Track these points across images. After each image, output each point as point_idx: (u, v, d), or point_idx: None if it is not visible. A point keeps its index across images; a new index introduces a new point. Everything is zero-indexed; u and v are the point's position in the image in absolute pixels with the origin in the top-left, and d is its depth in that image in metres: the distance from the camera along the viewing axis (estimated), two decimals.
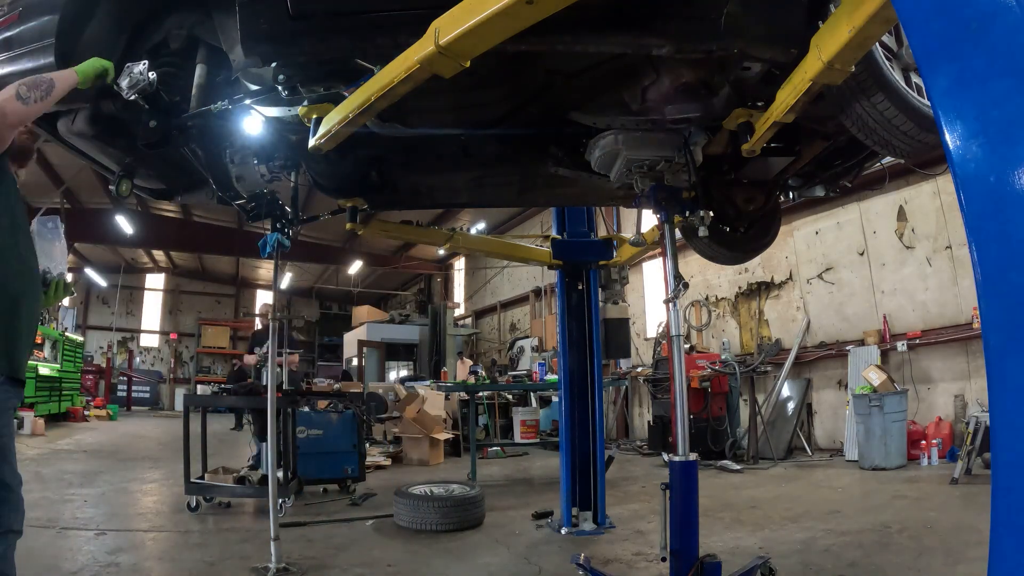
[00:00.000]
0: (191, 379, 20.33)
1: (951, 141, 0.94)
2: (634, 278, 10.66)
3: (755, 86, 2.25)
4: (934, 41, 0.98)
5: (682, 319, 4.63)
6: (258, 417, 5.43)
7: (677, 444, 2.56)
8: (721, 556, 2.55)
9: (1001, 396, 0.91)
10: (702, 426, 7.55)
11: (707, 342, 9.65)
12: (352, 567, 3.45)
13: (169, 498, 5.34)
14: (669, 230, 2.75)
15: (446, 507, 4.28)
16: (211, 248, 16.93)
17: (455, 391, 8.48)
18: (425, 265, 18.69)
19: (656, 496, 2.78)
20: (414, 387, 9.39)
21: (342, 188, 3.39)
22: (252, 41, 2.07)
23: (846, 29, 1.64)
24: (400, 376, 16.07)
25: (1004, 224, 0.88)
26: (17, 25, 2.29)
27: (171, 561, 3.57)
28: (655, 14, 1.92)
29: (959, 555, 3.29)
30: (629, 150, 2.57)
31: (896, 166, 6.03)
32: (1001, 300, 0.90)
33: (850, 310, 7.82)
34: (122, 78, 2.25)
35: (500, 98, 2.53)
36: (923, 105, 1.93)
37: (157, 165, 3.02)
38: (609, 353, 5.50)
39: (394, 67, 1.92)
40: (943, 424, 6.46)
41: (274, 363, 3.72)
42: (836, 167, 2.99)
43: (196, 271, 21.15)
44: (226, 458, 5.86)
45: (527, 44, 1.86)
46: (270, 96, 2.35)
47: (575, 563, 2.94)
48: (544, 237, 4.78)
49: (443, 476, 6.30)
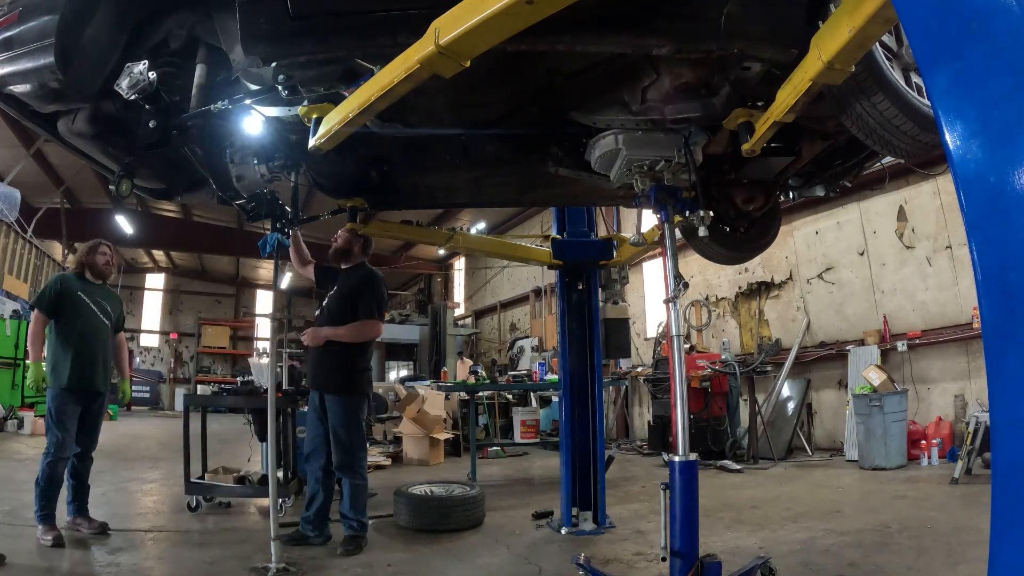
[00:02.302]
0: (191, 379, 20.31)
1: (951, 141, 0.94)
2: (634, 278, 10.66)
3: (755, 86, 2.25)
4: (934, 41, 0.98)
5: (682, 319, 4.63)
6: (258, 417, 5.43)
7: (677, 444, 2.56)
8: (721, 556, 2.54)
9: (1001, 396, 0.91)
10: (702, 426, 7.54)
11: (707, 342, 9.65)
12: (352, 567, 3.45)
13: (169, 498, 5.33)
14: (669, 230, 2.75)
15: (446, 507, 4.27)
16: (211, 248, 16.93)
17: (455, 391, 8.48)
18: (425, 265, 18.70)
19: (656, 496, 2.78)
20: (414, 387, 9.38)
21: (342, 188, 3.40)
22: (252, 41, 2.07)
23: (846, 29, 1.64)
24: (400, 376, 16.08)
25: (1004, 224, 0.88)
26: (17, 25, 2.29)
27: (171, 561, 3.57)
28: (655, 14, 1.92)
29: (959, 555, 3.29)
30: (629, 150, 2.57)
31: (896, 166, 6.05)
32: (1001, 300, 0.90)
33: (850, 310, 7.82)
34: (122, 78, 2.25)
35: (500, 98, 2.53)
36: (923, 105, 1.93)
37: (157, 165, 3.03)
38: (609, 353, 5.49)
39: (394, 67, 1.92)
40: (943, 424, 6.47)
41: (274, 362, 3.72)
42: (836, 167, 2.99)
43: (196, 271, 21.14)
44: (226, 458, 5.85)
45: (527, 44, 1.86)
46: (270, 96, 2.36)
47: (575, 563, 2.93)
48: (544, 237, 4.78)
49: (443, 476, 6.30)
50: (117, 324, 4.33)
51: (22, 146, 9.77)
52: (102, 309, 4.17)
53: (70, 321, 4.02)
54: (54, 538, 3.65)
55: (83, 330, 4.04)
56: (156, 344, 21.03)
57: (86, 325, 4.06)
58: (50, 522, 3.74)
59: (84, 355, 3.99)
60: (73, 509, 4.00)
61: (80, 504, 4.02)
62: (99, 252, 4.22)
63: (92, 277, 4.21)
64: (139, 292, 20.79)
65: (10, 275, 11.45)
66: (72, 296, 4.05)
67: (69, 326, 4.01)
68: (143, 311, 20.95)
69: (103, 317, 4.16)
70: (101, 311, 4.16)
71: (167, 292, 21.29)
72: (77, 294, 4.08)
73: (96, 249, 4.23)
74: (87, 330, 4.06)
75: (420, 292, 20.66)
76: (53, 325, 4.01)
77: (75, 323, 4.03)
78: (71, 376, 3.90)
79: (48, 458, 3.78)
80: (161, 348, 20.98)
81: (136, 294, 20.65)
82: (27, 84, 2.34)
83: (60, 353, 3.95)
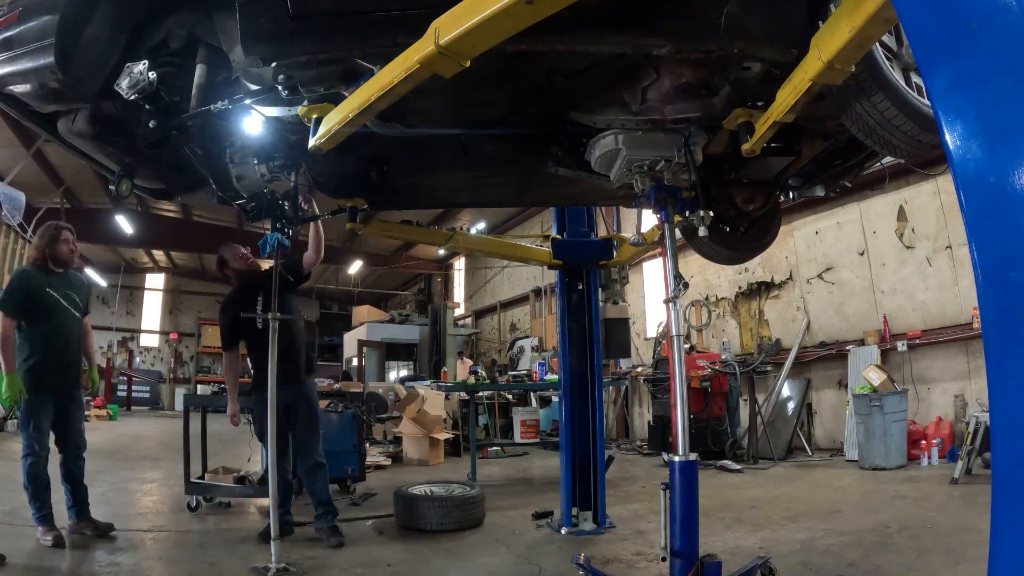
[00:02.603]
0: (191, 379, 20.31)
1: (951, 141, 0.94)
2: (634, 278, 10.66)
3: (755, 86, 2.25)
4: (934, 41, 0.98)
5: (682, 319, 4.63)
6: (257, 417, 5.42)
7: (677, 444, 2.56)
8: (721, 556, 2.54)
9: (1001, 396, 0.91)
10: (702, 426, 7.54)
11: (707, 342, 9.65)
12: (352, 567, 3.45)
13: (169, 498, 5.34)
14: (669, 230, 2.75)
15: (446, 507, 4.28)
16: (211, 248, 16.74)
17: (455, 391, 8.48)
18: (425, 265, 18.69)
19: (656, 496, 2.78)
20: (414, 387, 9.38)
21: (342, 188, 3.39)
22: (252, 41, 2.07)
23: (846, 29, 1.64)
24: (400, 376, 16.07)
25: (1004, 224, 0.88)
26: (17, 25, 2.29)
27: (171, 561, 3.57)
28: (655, 14, 1.92)
29: (959, 555, 3.29)
30: (629, 150, 2.57)
31: (896, 166, 6.05)
32: (1001, 300, 0.90)
33: (850, 310, 7.82)
34: (122, 78, 2.25)
35: (500, 98, 2.53)
36: (923, 105, 1.93)
37: (157, 165, 3.02)
38: (609, 353, 5.50)
39: (394, 67, 1.92)
40: (943, 424, 6.46)
41: (274, 362, 3.71)
42: (836, 167, 2.99)
43: (196, 271, 21.11)
44: (226, 458, 5.85)
45: (527, 44, 1.86)
46: (270, 96, 2.36)
47: (575, 563, 2.93)
48: (544, 237, 4.78)
49: (443, 476, 6.30)
50: (84, 311, 4.11)
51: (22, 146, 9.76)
52: (71, 301, 3.94)
53: (41, 322, 3.78)
54: (54, 538, 3.63)
55: (55, 329, 3.82)
56: (156, 344, 21.02)
57: (58, 323, 3.84)
58: (48, 523, 3.69)
59: (59, 356, 3.82)
60: (74, 513, 3.89)
61: (80, 508, 3.92)
62: (61, 240, 3.91)
63: (55, 267, 3.91)
64: (139, 292, 20.79)
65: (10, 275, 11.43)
66: (40, 293, 3.79)
67: (40, 327, 3.78)
68: (143, 311, 20.94)
69: (73, 310, 3.95)
70: (70, 304, 3.94)
71: (167, 292, 21.28)
72: (45, 291, 3.81)
73: (58, 237, 3.90)
74: (59, 328, 3.84)
75: (420, 292, 20.67)
76: (23, 327, 3.76)
77: (47, 323, 3.79)
78: (46, 379, 3.74)
79: (26, 460, 3.66)
80: (161, 348, 20.97)
81: (136, 294, 20.65)
82: (27, 84, 2.34)
83: (33, 355, 3.74)
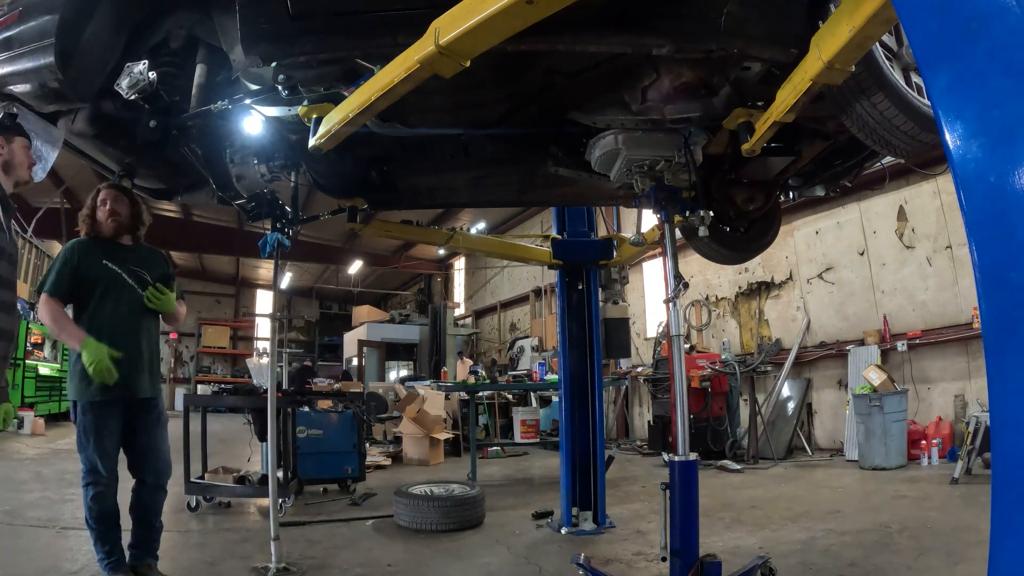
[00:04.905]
0: (191, 379, 20.30)
1: (951, 141, 0.94)
2: (634, 278, 10.66)
3: (755, 86, 2.25)
4: (934, 41, 0.98)
5: (682, 319, 4.63)
6: (258, 417, 5.43)
7: (677, 444, 2.56)
8: (721, 556, 2.54)
9: (1001, 396, 0.91)
10: (702, 426, 7.54)
11: (707, 342, 9.65)
12: (352, 567, 3.45)
13: (169, 498, 5.27)
14: (669, 230, 2.75)
15: (446, 507, 4.28)
16: (211, 248, 16.91)
17: (455, 391, 8.48)
18: (425, 265, 18.68)
19: (656, 496, 2.78)
20: (414, 387, 9.39)
21: (342, 188, 3.39)
22: (252, 41, 2.07)
23: (846, 29, 1.64)
24: (400, 376, 16.08)
25: (1004, 224, 0.88)
26: (17, 25, 2.29)
27: (171, 561, 3.56)
28: (655, 14, 1.92)
29: (959, 555, 3.29)
30: (629, 150, 2.57)
31: (896, 166, 6.04)
32: (1001, 300, 0.90)
33: (850, 310, 7.82)
34: (122, 78, 2.25)
35: (500, 98, 2.53)
36: (923, 105, 1.93)
37: (157, 165, 3.02)
38: (609, 353, 5.49)
39: (394, 67, 1.92)
40: (943, 424, 6.46)
41: (274, 362, 3.72)
42: (836, 167, 2.99)
43: (196, 271, 21.12)
44: (226, 458, 5.85)
45: (527, 44, 1.86)
46: (270, 96, 2.36)
47: (575, 563, 2.94)
48: (544, 237, 4.78)
49: (443, 476, 6.30)
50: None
51: None
52: (139, 279, 3.00)
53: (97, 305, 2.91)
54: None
55: (116, 315, 2.92)
56: None
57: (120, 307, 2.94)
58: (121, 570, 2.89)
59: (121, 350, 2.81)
60: (131, 556, 2.98)
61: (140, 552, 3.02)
62: (99, 203, 3.03)
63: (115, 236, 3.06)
64: None
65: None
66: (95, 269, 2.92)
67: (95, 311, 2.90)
68: None
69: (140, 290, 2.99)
70: (138, 282, 2.99)
71: None
72: (103, 263, 2.93)
73: (96, 199, 3.05)
74: (122, 314, 2.94)
75: (420, 292, 20.67)
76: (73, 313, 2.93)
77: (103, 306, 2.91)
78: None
79: (87, 490, 2.93)
80: (161, 348, 20.98)
81: None
82: (27, 84, 2.34)
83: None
